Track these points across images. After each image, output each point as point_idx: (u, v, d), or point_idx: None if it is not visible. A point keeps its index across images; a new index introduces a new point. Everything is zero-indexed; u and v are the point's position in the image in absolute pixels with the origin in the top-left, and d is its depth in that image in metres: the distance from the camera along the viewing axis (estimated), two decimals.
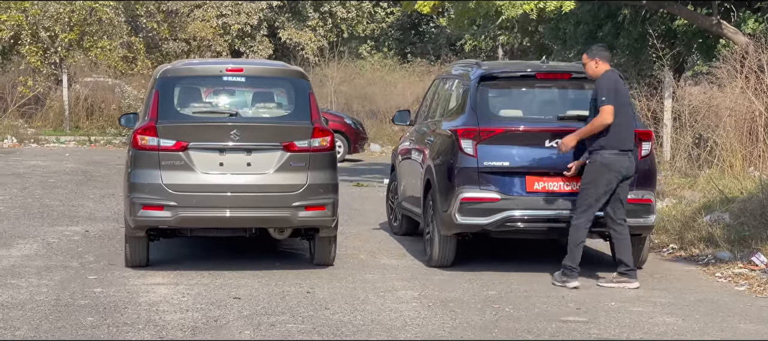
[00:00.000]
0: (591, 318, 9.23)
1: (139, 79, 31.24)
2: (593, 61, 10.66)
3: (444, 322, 9.01)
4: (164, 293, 10.01)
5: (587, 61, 10.72)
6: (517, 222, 10.97)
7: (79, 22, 31.56)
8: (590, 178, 10.47)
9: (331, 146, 11.08)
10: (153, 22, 33.70)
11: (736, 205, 13.63)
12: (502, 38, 29.34)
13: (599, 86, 10.49)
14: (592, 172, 10.47)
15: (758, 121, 16.85)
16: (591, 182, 10.46)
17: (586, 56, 10.75)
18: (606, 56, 10.72)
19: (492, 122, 11.11)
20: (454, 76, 12.70)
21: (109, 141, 29.20)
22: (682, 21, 21.20)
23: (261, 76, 11.68)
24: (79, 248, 12.49)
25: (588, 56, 10.73)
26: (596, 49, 10.80)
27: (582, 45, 23.84)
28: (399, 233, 13.87)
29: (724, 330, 8.90)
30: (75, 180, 19.78)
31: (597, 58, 10.65)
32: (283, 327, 8.73)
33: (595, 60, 10.65)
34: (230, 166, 10.81)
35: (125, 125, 12.37)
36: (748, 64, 17.33)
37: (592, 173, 10.47)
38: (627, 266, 10.60)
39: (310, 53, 40.60)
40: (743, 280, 11.02)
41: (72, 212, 15.56)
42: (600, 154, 10.43)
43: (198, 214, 10.78)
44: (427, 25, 46.21)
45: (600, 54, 10.69)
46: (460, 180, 11.03)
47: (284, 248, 12.59)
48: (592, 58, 10.67)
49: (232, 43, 39.39)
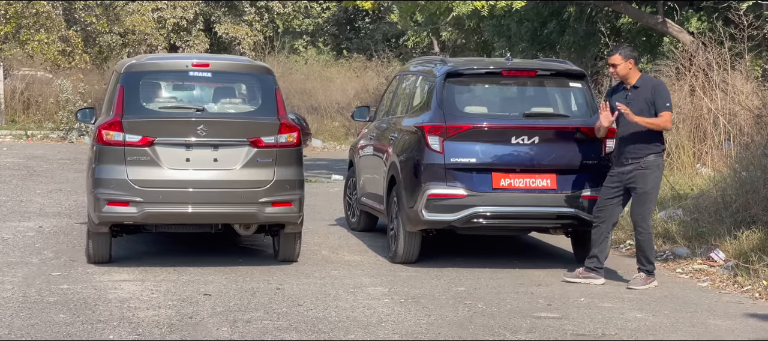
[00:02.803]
0: (563, 314, 9.30)
1: (77, 73, 30.86)
2: (628, 62, 10.50)
3: (419, 319, 9.02)
4: (133, 289, 9.91)
5: (620, 61, 10.48)
6: (484, 219, 11.01)
7: (15, 14, 31.09)
8: (656, 183, 10.52)
9: (298, 142, 11.05)
10: (91, 16, 33.30)
11: (689, 201, 13.83)
12: (445, 35, 29.42)
13: (660, 90, 10.45)
14: (658, 177, 10.51)
15: (707, 118, 17.10)
16: (656, 187, 10.56)
17: (620, 57, 10.49)
18: (631, 57, 10.55)
19: (458, 118, 11.14)
20: (416, 73, 12.71)
21: (46, 135, 28.79)
22: (626, 19, 21.44)
23: (227, 71, 11.60)
24: (36, 244, 12.32)
25: (622, 57, 10.49)
26: (629, 51, 10.62)
27: (526, 42, 24.07)
28: (357, 229, 13.86)
29: (695, 325, 9.02)
30: (18, 175, 19.49)
31: (631, 59, 10.51)
32: (259, 324, 8.68)
33: (630, 61, 10.51)
34: (197, 162, 10.74)
35: (81, 120, 12.26)
36: (697, 62, 17.58)
37: (657, 177, 10.51)
38: (600, 263, 10.67)
39: (247, 48, 40.43)
40: (705, 276, 11.17)
41: (21, 207, 15.34)
42: (661, 157, 10.53)
43: (164, 210, 10.69)
44: (363, 21, 46.24)
45: (633, 55, 10.58)
46: (426, 176, 11.05)
47: (246, 244, 12.53)
48: (626, 59, 10.50)
49: (169, 38, 39.08)
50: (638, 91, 10.48)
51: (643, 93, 10.45)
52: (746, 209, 12.30)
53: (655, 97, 10.42)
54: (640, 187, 10.43)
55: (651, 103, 10.41)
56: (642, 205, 10.47)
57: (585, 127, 11.22)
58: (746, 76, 17.29)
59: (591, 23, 22.53)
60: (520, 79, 11.71)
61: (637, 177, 10.43)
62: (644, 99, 10.43)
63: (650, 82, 10.62)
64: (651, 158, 10.43)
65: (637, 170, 10.42)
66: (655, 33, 22.01)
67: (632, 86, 10.53)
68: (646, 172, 10.42)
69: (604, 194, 10.62)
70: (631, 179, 10.46)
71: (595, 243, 10.67)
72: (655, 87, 10.53)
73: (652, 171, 10.45)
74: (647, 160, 10.42)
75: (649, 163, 10.43)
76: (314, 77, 36.30)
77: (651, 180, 10.44)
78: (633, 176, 10.45)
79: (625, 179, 10.49)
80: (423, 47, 40.00)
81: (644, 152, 10.41)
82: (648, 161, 10.42)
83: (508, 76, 11.64)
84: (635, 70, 10.57)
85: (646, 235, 10.53)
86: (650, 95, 10.43)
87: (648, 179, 10.42)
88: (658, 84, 10.66)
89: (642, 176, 10.42)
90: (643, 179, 10.42)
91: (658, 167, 10.50)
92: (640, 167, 10.42)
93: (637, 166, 10.43)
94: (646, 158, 10.42)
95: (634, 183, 10.46)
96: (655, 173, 10.46)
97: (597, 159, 11.14)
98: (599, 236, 10.65)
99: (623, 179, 10.50)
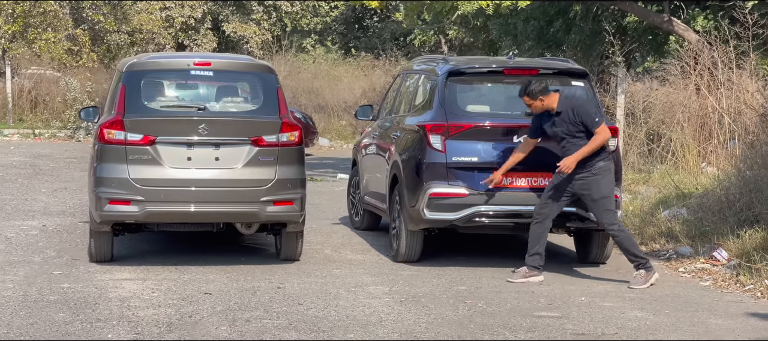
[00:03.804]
0: (564, 314, 9.28)
1: (85, 72, 30.89)
2: (540, 99, 10.51)
3: (419, 318, 9.01)
4: (133, 288, 9.92)
5: (531, 101, 10.54)
6: (485, 218, 11.00)
7: (22, 13, 31.13)
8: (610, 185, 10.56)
9: (300, 140, 11.04)
10: (99, 15, 33.32)
11: (694, 200, 13.79)
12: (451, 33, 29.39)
13: (581, 111, 10.45)
14: (610, 179, 10.55)
15: (712, 117, 17.06)
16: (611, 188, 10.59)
17: (529, 98, 10.56)
18: (546, 90, 10.52)
19: (460, 117, 11.13)
20: (419, 71, 12.70)
21: (53, 134, 28.83)
22: (632, 18, 21.39)
23: (228, 70, 11.59)
24: (39, 242, 12.33)
25: (530, 98, 10.54)
26: (536, 88, 10.52)
27: (532, 41, 24.03)
28: (361, 228, 13.86)
29: (695, 325, 9.00)
30: (24, 174, 19.52)
31: (540, 95, 10.51)
32: (258, 323, 8.68)
33: (539, 99, 10.53)
34: (198, 160, 10.74)
35: (85, 118, 12.28)
36: (702, 61, 17.54)
37: (610, 180, 10.55)
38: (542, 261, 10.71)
39: (255, 47, 40.42)
40: (707, 275, 11.15)
41: (26, 206, 15.36)
42: (609, 160, 10.58)
43: (166, 209, 10.70)
44: (371, 20, 46.23)
45: (541, 89, 10.52)
46: (428, 175, 11.04)
47: (248, 242, 12.53)
48: (535, 98, 10.52)
49: (177, 36, 39.10)
50: (562, 116, 10.50)
51: (567, 117, 10.48)
52: (750, 209, 12.27)
53: (581, 118, 10.45)
54: (595, 193, 10.50)
55: (578, 124, 10.46)
56: (606, 209, 10.54)
57: None
58: (752, 75, 17.23)
59: (597, 22, 22.48)
60: (523, 78, 11.64)
61: (590, 184, 10.50)
62: (570, 122, 10.48)
63: (569, 104, 10.55)
64: (601, 164, 10.51)
65: (590, 177, 10.50)
66: (660, 32, 21.94)
67: (555, 112, 10.54)
68: (598, 177, 10.50)
69: (551, 194, 10.62)
70: (583, 187, 10.53)
71: (536, 240, 10.64)
72: (574, 109, 10.50)
73: (604, 176, 10.53)
74: (597, 166, 10.50)
75: (600, 169, 10.51)
76: (322, 76, 36.26)
77: (605, 185, 10.53)
78: (586, 184, 10.51)
79: (577, 187, 10.55)
80: (430, 46, 39.96)
81: (593, 160, 10.48)
82: (598, 167, 10.50)
83: (510, 75, 11.62)
84: (551, 97, 10.54)
85: (622, 233, 10.61)
86: (574, 117, 10.46)
87: (601, 184, 10.51)
88: (577, 105, 10.55)
89: (595, 183, 10.50)
90: (596, 186, 10.49)
91: (609, 171, 10.58)
92: (591, 173, 10.50)
93: (588, 173, 10.50)
94: (596, 165, 10.49)
95: (588, 191, 10.53)
96: (606, 176, 10.55)
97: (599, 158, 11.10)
98: (543, 232, 10.66)
99: (575, 187, 10.55)
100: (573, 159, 10.42)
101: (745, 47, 17.45)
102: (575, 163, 10.42)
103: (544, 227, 10.66)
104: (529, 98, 10.57)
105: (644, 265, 10.58)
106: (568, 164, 10.43)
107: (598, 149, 10.45)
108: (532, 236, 10.68)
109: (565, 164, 10.44)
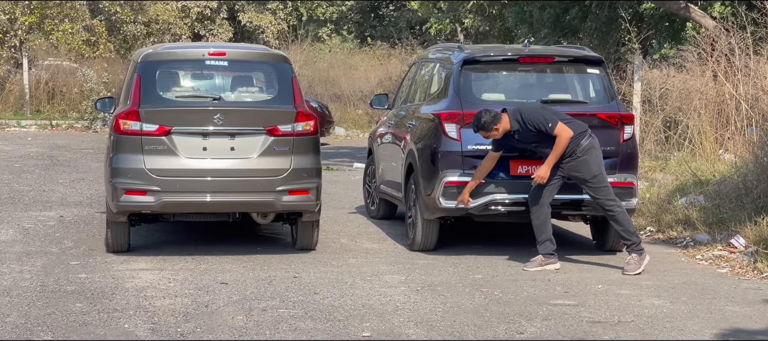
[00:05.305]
0: (580, 302, 9.27)
1: (101, 63, 30.93)
2: (494, 131, 10.49)
3: (435, 306, 9.01)
4: (150, 278, 9.94)
5: (487, 134, 10.54)
6: (501, 206, 10.99)
7: (39, 4, 31.19)
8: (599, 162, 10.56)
9: (315, 130, 11.04)
10: (116, 5, 33.36)
11: (711, 187, 13.74)
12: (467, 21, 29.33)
13: (532, 119, 10.43)
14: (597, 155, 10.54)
15: (729, 104, 16.98)
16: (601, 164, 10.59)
17: (484, 133, 10.54)
18: (497, 118, 10.48)
19: (476, 105, 11.09)
20: (434, 60, 12.68)
21: (71, 125, 28.88)
22: (649, 4, 21.29)
23: (243, 60, 11.60)
24: (56, 233, 12.37)
25: (486, 132, 10.52)
26: (487, 121, 10.45)
27: (548, 29, 23.95)
28: (377, 216, 13.86)
29: (712, 312, 8.97)
30: (42, 165, 19.58)
31: (494, 125, 10.46)
32: (274, 312, 8.70)
33: (495, 128, 10.49)
34: (214, 150, 10.75)
35: (101, 109, 12.31)
36: (719, 47, 17.46)
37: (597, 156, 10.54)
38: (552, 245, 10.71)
39: (271, 36, 40.44)
40: (724, 262, 11.11)
41: (43, 197, 15.41)
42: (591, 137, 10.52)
43: (182, 199, 10.72)
44: (387, 8, 46.16)
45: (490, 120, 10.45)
46: (443, 164, 11.03)
47: (265, 232, 12.55)
48: (490, 130, 10.49)
49: (192, 27, 39.13)
50: (520, 131, 10.52)
51: (523, 129, 10.49)
52: (767, 195, 12.21)
53: (534, 126, 10.43)
54: (585, 173, 10.52)
55: (536, 132, 10.46)
56: (601, 188, 10.57)
57: (602, 113, 11.21)
58: None
59: (613, 9, 22.38)
60: (538, 66, 11.66)
61: (579, 166, 10.51)
62: (529, 133, 10.50)
63: (518, 117, 10.51)
64: (585, 143, 10.49)
65: (577, 159, 10.49)
66: (677, 18, 21.85)
67: (512, 131, 10.55)
68: (586, 157, 10.49)
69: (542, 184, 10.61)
70: (573, 169, 10.53)
71: (541, 228, 10.64)
72: (525, 120, 10.47)
73: (590, 154, 10.51)
74: (582, 147, 10.47)
75: (584, 149, 10.49)
76: (338, 65, 36.25)
77: (593, 162, 10.52)
78: (575, 166, 10.52)
79: (567, 171, 10.55)
80: (446, 34, 39.89)
81: (573, 144, 10.44)
82: (583, 147, 10.48)
83: (525, 62, 11.60)
84: (503, 120, 10.51)
85: (619, 210, 10.61)
86: (530, 127, 10.46)
87: (590, 163, 10.50)
88: (526, 116, 10.47)
89: (584, 163, 10.49)
90: (585, 166, 10.50)
91: (593, 147, 10.54)
92: (576, 155, 10.48)
93: (573, 156, 10.48)
94: (580, 146, 10.46)
95: (579, 173, 10.54)
96: (593, 153, 10.53)
97: (615, 145, 11.09)
98: (545, 219, 10.66)
99: (565, 170, 10.56)
100: (545, 168, 10.47)
101: (763, 33, 17.37)
102: (548, 172, 10.46)
103: (543, 213, 10.65)
104: (485, 131, 10.56)
105: (636, 247, 10.58)
106: (541, 174, 10.49)
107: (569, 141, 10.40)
108: (535, 226, 10.69)
109: (538, 175, 10.50)
